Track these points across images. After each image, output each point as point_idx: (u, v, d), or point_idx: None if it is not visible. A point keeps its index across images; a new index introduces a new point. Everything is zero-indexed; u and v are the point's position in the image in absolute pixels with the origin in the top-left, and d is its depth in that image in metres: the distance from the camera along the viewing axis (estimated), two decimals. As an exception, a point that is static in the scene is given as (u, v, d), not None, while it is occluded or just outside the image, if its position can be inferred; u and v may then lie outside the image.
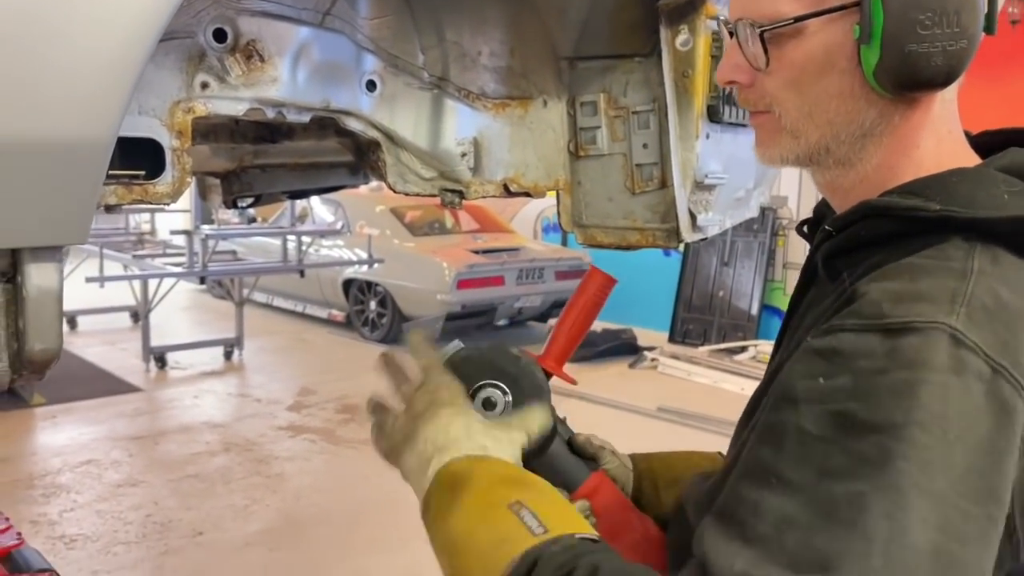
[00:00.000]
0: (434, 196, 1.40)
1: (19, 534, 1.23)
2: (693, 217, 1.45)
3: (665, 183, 1.43)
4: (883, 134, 0.76)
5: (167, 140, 1.04)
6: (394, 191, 1.38)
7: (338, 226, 7.76)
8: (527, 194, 1.48)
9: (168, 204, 1.09)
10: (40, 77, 0.68)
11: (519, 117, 1.45)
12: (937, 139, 0.76)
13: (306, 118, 1.25)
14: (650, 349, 6.94)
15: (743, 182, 1.57)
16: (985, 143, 0.81)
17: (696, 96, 1.38)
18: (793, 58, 0.76)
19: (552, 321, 7.88)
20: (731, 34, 0.80)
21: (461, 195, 1.40)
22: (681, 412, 5.41)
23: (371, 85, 1.31)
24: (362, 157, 1.41)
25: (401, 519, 3.79)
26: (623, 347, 6.99)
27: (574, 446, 1.06)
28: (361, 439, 4.89)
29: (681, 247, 7.78)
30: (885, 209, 0.73)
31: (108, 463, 4.42)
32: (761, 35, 0.76)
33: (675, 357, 6.70)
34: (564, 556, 0.67)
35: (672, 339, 7.58)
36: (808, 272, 0.86)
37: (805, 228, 0.90)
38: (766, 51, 0.76)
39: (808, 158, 0.79)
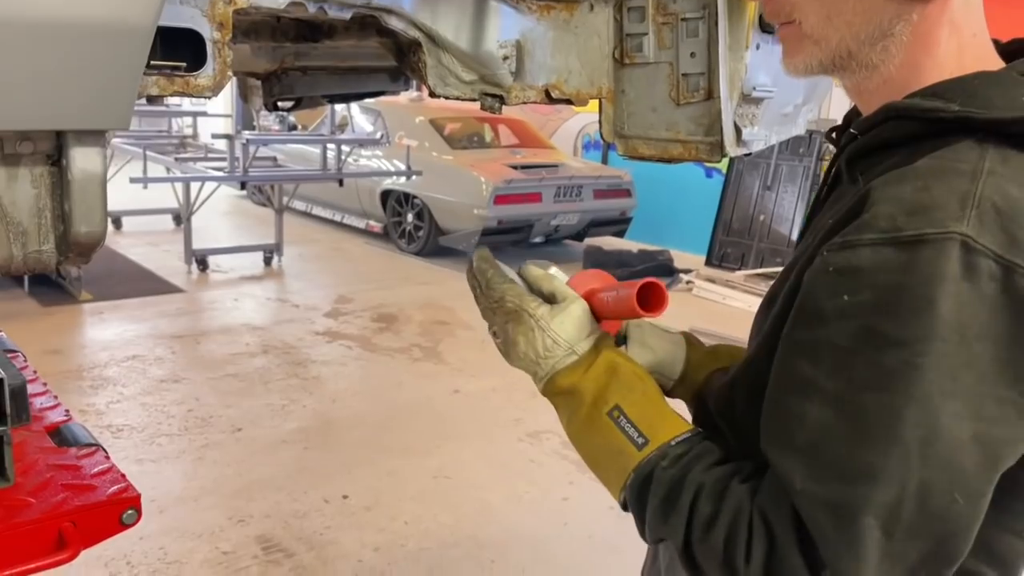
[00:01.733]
0: (474, 100, 1.38)
1: (67, 411, 1.28)
2: (738, 131, 1.42)
3: (711, 94, 1.39)
4: (902, 33, 0.75)
5: (208, 31, 1.03)
6: (433, 94, 1.36)
7: (377, 136, 7.72)
8: (568, 101, 1.45)
9: (209, 97, 1.09)
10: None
11: (564, 21, 1.41)
12: (959, 42, 0.76)
13: (347, 15, 1.23)
14: (687, 272, 6.91)
15: (792, 97, 1.52)
16: (1016, 50, 0.80)
17: (748, 3, 1.33)
18: None
19: (588, 240, 7.86)
20: None
21: (502, 100, 1.38)
22: (713, 335, 5.41)
23: (413, -18, 1.28)
24: (403, 59, 1.38)
25: (431, 424, 3.90)
26: (659, 268, 6.96)
27: None
28: (396, 347, 4.99)
29: (724, 166, 7.65)
30: (906, 110, 0.73)
31: (152, 359, 4.58)
32: None
33: (711, 280, 6.67)
34: (673, 472, 0.75)
35: (709, 262, 7.53)
36: (833, 174, 0.87)
37: (834, 134, 0.90)
38: None
39: (832, 63, 0.79)
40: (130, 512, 1.06)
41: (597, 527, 3.02)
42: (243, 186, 6.94)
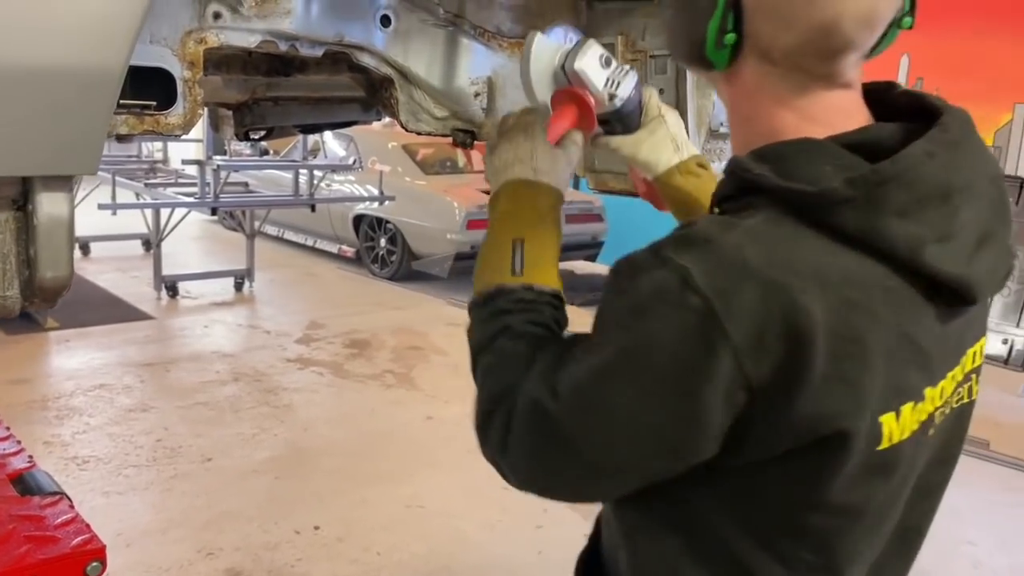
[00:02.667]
0: (445, 136, 1.39)
1: (31, 457, 1.26)
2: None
3: (679, 130, 1.41)
4: (733, 103, 0.83)
5: (178, 71, 1.03)
6: (406, 129, 1.37)
7: (350, 161, 7.71)
8: (539, 137, 1.47)
9: (179, 136, 1.09)
10: (53, 3, 0.68)
11: (534, 58, 1.43)
12: (787, 110, 0.77)
13: (319, 52, 1.24)
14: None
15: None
16: (903, 104, 0.81)
17: (715, 42, 1.36)
18: None
19: (560, 264, 7.88)
20: None
21: (473, 135, 1.39)
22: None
23: (385, 20, 1.29)
24: (375, 93, 1.39)
25: (404, 452, 3.87)
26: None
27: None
28: (368, 373, 4.96)
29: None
30: (732, 167, 0.78)
31: (120, 388, 4.50)
32: None
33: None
34: (506, 302, 0.88)
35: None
36: None
37: None
38: None
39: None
40: (94, 565, 1.04)
41: (571, 555, 3.01)
42: (214, 211, 6.89)
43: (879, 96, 0.81)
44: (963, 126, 0.76)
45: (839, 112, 0.77)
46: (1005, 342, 4.33)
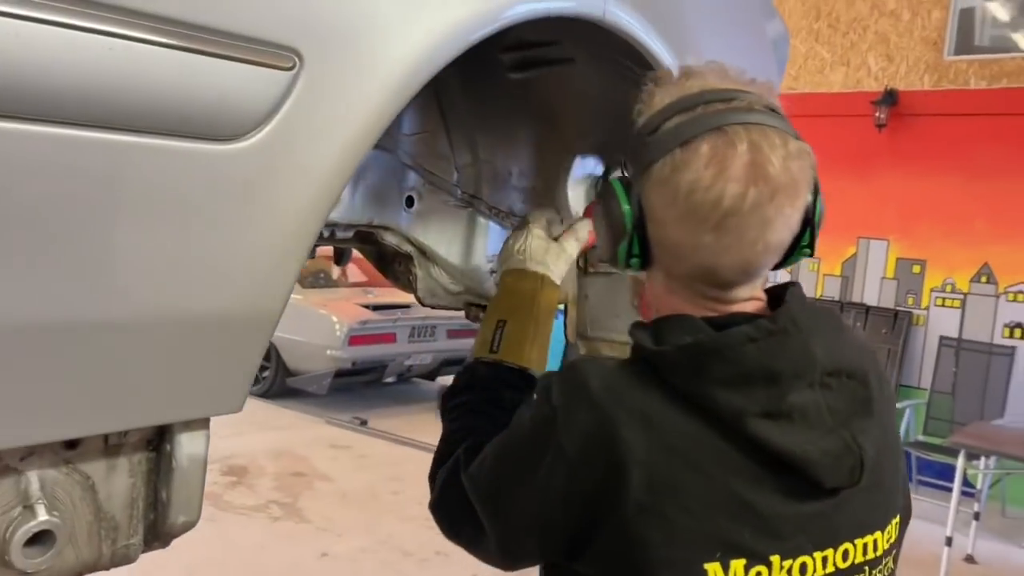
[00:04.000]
0: (458, 309, 1.41)
1: None
2: (696, 338, 1.53)
3: (673, 305, 1.50)
4: (647, 289, 0.95)
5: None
6: (423, 304, 1.38)
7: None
8: (543, 310, 1.51)
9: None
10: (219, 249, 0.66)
11: (540, 235, 1.49)
12: (679, 299, 0.89)
13: (350, 234, 1.24)
14: (539, 412, 7.03)
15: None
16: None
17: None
18: None
19: (441, 379, 7.86)
20: None
21: (485, 309, 1.42)
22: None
23: (409, 201, 1.32)
24: (386, 267, 1.40)
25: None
26: (512, 409, 7.04)
27: None
28: (251, 505, 4.67)
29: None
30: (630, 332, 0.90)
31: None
32: None
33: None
34: (471, 378, 1.08)
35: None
36: None
37: None
38: None
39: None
40: None
41: None
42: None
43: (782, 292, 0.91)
44: (797, 321, 0.83)
45: (699, 299, 0.89)
46: None
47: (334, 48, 0.68)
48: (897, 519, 0.92)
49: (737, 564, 0.78)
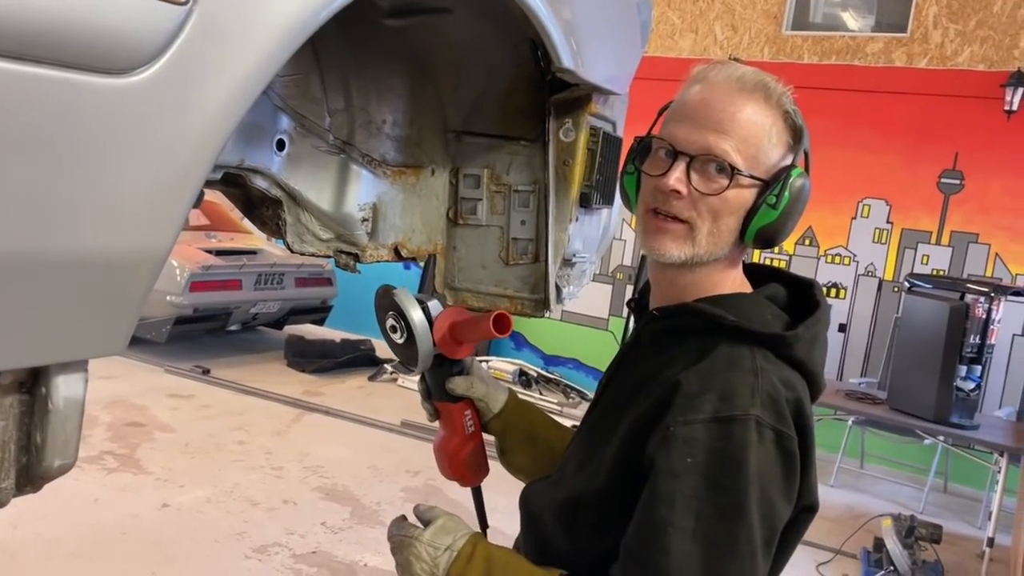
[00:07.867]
0: (328, 256, 1.40)
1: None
2: (559, 289, 1.59)
3: (538, 258, 1.55)
4: (724, 260, 1.08)
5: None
6: (291, 250, 1.35)
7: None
8: (413, 259, 1.52)
9: None
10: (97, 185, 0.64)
11: (411, 184, 1.49)
12: (737, 272, 1.13)
13: (219, 175, 1.20)
14: (389, 362, 7.03)
15: (592, 258, 1.75)
16: (756, 272, 1.17)
17: (573, 184, 1.53)
18: (726, 196, 1.04)
19: (288, 328, 7.67)
20: (677, 154, 1.04)
21: (356, 257, 1.41)
22: (425, 427, 5.57)
23: (280, 144, 1.29)
24: (251, 211, 1.36)
25: (141, 548, 3.51)
26: (362, 358, 7.01)
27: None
28: (84, 456, 4.41)
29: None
30: (699, 312, 1.06)
31: None
32: (732, 174, 1.02)
33: (414, 370, 6.84)
34: None
35: (408, 351, 7.71)
36: (633, 339, 1.18)
37: (632, 304, 1.24)
38: (728, 187, 1.03)
39: (690, 260, 1.06)
40: None
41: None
42: None
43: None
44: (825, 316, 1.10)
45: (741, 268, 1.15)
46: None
47: (227, -16, 0.66)
48: None
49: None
